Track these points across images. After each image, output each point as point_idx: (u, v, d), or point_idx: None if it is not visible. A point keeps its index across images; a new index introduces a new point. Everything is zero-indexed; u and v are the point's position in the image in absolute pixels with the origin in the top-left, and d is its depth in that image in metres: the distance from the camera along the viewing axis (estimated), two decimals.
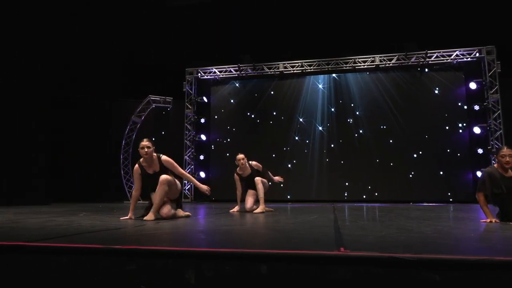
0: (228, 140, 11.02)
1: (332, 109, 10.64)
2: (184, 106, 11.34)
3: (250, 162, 5.87)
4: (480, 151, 9.61)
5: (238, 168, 5.84)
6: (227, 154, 10.60)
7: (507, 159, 3.50)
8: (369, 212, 5.36)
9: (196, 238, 2.41)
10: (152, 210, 3.92)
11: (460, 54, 9.99)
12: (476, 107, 9.73)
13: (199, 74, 11.49)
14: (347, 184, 10.19)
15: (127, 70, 11.11)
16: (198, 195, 11.10)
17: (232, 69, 11.23)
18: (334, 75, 10.79)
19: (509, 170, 3.60)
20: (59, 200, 9.05)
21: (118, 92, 11.13)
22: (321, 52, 10.65)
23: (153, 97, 11.19)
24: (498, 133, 9.41)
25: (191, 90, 11.41)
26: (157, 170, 4.12)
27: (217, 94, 11.49)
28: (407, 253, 1.59)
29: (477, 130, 9.71)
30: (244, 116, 11.02)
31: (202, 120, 11.34)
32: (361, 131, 10.36)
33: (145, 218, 3.87)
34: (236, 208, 5.76)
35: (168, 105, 11.52)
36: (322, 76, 10.88)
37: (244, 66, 11.05)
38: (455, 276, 1.51)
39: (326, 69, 10.72)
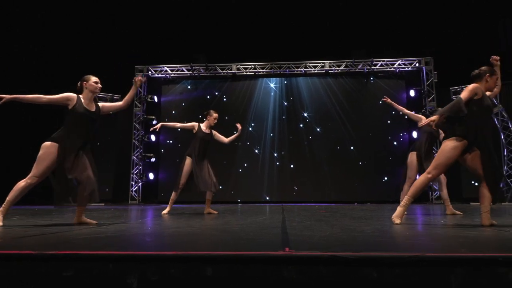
0: (178, 141, 10.79)
1: (283, 112, 10.85)
2: (133, 105, 10.93)
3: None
4: None
5: (205, 124, 5.48)
6: (177, 156, 10.39)
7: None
8: (316, 212, 5.53)
9: (140, 241, 2.33)
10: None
11: (402, 63, 10.65)
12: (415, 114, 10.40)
13: (150, 72, 11.16)
14: (296, 185, 10.43)
15: (73, 65, 10.49)
16: (146, 197, 10.77)
17: (184, 69, 11.05)
18: (285, 78, 11.02)
19: None
20: None
21: (64, 88, 10.46)
22: (274, 55, 10.84)
23: (99, 94, 10.67)
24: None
25: (141, 88, 11.04)
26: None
27: (168, 94, 11.23)
28: (348, 251, 1.66)
29: (415, 135, 10.41)
30: (195, 117, 10.84)
31: (154, 122, 10.98)
32: (310, 134, 10.67)
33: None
34: (167, 210, 5.36)
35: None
36: (274, 79, 11.06)
37: (197, 66, 10.92)
38: (391, 272, 1.60)
39: (278, 72, 10.92)
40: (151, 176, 10.77)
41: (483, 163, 3.14)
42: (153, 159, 10.73)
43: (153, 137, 10.90)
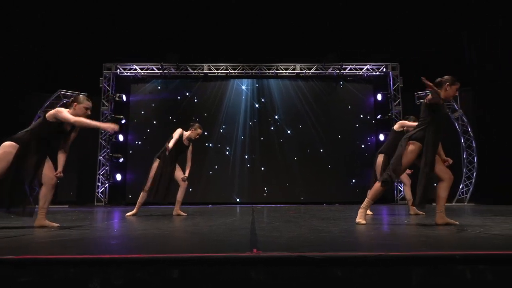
0: (147, 141, 10.55)
1: (255, 113, 10.88)
2: (100, 103, 10.60)
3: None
4: None
5: (187, 134, 5.29)
6: (146, 157, 10.19)
7: None
8: (285, 213, 5.58)
9: (104, 244, 2.26)
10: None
11: (370, 68, 10.97)
12: (382, 117, 10.75)
13: (118, 70, 10.87)
14: (267, 186, 10.48)
15: (36, 61, 10.04)
16: (113, 198, 10.47)
17: (154, 67, 10.83)
18: (257, 80, 11.06)
19: None
20: None
21: (26, 85, 9.95)
22: (246, 56, 10.85)
23: (64, 92, 10.24)
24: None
25: (109, 87, 10.72)
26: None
27: (137, 93, 10.97)
28: (315, 252, 1.68)
29: (382, 137, 10.74)
30: (165, 116, 10.67)
31: (123, 121, 10.69)
32: (281, 136, 10.76)
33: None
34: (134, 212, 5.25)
35: None
36: (246, 80, 11.07)
37: (168, 65, 10.74)
38: (356, 272, 1.64)
39: (250, 73, 10.94)
40: (118, 177, 10.47)
41: (421, 165, 3.29)
42: (121, 159, 10.44)
43: (121, 137, 10.60)
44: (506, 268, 1.61)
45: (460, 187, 9.79)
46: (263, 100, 10.96)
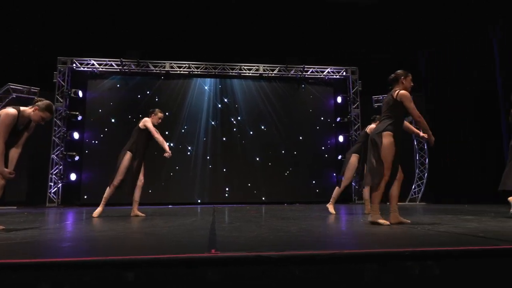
0: (105, 140, 10.15)
1: (217, 113, 10.82)
2: (54, 99, 10.06)
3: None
4: (340, 157, 10.93)
5: (151, 120, 5.19)
6: (103, 156, 9.84)
7: None
8: (246, 213, 5.59)
9: (54, 247, 2.15)
10: None
11: (331, 71, 11.27)
12: (341, 119, 11.08)
13: (74, 65, 10.38)
14: (228, 187, 10.46)
15: None
16: (66, 199, 9.98)
17: (113, 63, 10.46)
18: (220, 79, 11.00)
19: None
20: None
21: None
22: (209, 55, 10.75)
23: (13, 86, 9.62)
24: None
25: (64, 82, 10.21)
26: None
27: (94, 89, 10.53)
28: (272, 251, 1.70)
29: (341, 138, 11.07)
30: (124, 115, 10.33)
31: (79, 117, 10.22)
32: (243, 134, 10.78)
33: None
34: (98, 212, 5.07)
35: (34, 97, 10.06)
36: (209, 79, 10.97)
37: (128, 62, 10.41)
38: (312, 270, 1.68)
39: (213, 73, 10.86)
40: (72, 176, 9.99)
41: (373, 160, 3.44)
42: (76, 158, 9.96)
43: (76, 135, 10.13)
44: (450, 263, 1.72)
45: (413, 187, 10.31)
46: (226, 100, 10.92)
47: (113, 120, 10.35)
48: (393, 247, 1.88)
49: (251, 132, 10.82)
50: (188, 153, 10.49)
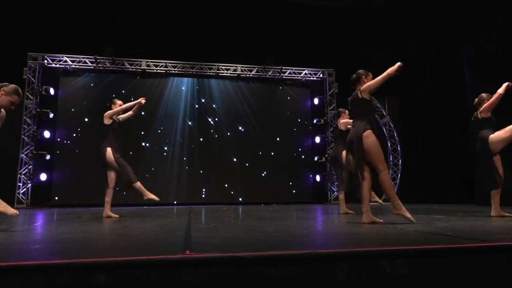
0: (78, 140, 9.87)
1: (194, 112, 10.73)
2: (24, 96, 9.69)
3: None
4: (317, 158, 11.08)
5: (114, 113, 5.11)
6: (75, 155, 9.58)
7: None
8: (223, 214, 5.58)
9: (21, 250, 2.08)
10: None
11: (308, 73, 11.40)
12: (318, 121, 11.22)
13: (46, 61, 10.04)
14: (205, 187, 10.39)
15: None
16: (36, 200, 9.63)
17: (87, 60, 10.19)
18: (198, 79, 10.91)
19: None
20: None
21: None
22: (187, 55, 10.65)
23: None
24: (333, 144, 11.06)
25: (34, 79, 9.85)
26: None
27: (67, 87, 10.21)
28: (248, 251, 1.70)
29: (318, 139, 11.22)
30: (98, 114, 10.00)
31: (51, 115, 9.87)
32: (221, 135, 10.74)
33: None
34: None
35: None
36: (186, 79, 10.87)
37: (102, 59, 10.17)
38: (287, 270, 1.69)
39: (191, 72, 10.76)
40: (43, 177, 9.65)
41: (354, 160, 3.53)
42: (48, 157, 9.63)
43: (47, 134, 9.78)
44: (419, 261, 1.77)
45: None
46: (203, 100, 10.85)
47: (86, 120, 10.06)
48: (365, 247, 1.93)
49: (229, 133, 10.79)
50: (165, 153, 10.35)
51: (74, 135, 9.93)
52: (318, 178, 11.05)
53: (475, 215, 4.44)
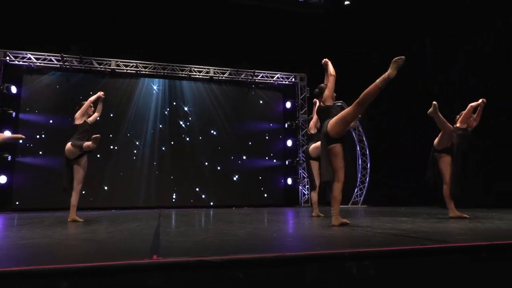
0: (42, 141, 9.45)
1: (166, 113, 10.55)
2: None
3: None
4: (288, 162, 11.18)
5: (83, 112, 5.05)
6: (38, 158, 9.17)
7: None
8: (194, 217, 5.51)
9: None
10: None
11: (281, 77, 11.51)
12: (290, 125, 11.34)
13: (8, 58, 9.56)
14: (176, 190, 10.22)
15: None
16: None
17: (53, 58, 9.80)
18: (170, 80, 10.75)
19: None
20: None
21: None
22: (159, 55, 10.47)
23: None
24: (305, 147, 11.20)
25: None
26: None
27: (31, 85, 9.76)
28: (217, 255, 1.69)
29: (289, 143, 11.33)
30: (65, 113, 9.67)
31: (13, 114, 9.40)
32: (192, 137, 10.61)
33: None
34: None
35: None
36: (157, 80, 10.67)
37: (69, 57, 9.81)
38: (256, 273, 1.69)
39: (162, 73, 10.57)
40: (2, 179, 9.14)
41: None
42: (9, 158, 9.13)
43: (8, 134, 9.28)
44: (385, 263, 1.82)
45: (355, 190, 10.82)
46: (174, 102, 10.69)
47: (51, 121, 9.64)
48: (333, 249, 1.96)
49: (200, 137, 10.68)
50: (134, 157, 10.10)
51: (38, 136, 9.50)
52: (289, 181, 11.15)
53: (438, 217, 4.62)
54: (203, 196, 10.37)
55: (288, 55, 10.92)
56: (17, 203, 9.02)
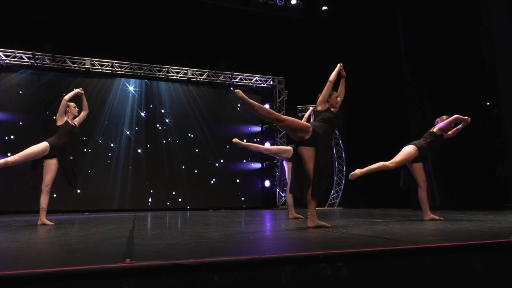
0: (10, 142, 9.07)
1: (142, 115, 10.37)
2: None
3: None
4: (266, 164, 11.22)
5: (69, 116, 4.98)
6: (8, 156, 8.79)
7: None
8: (169, 220, 5.43)
9: None
10: None
11: (259, 79, 11.55)
12: (268, 127, 11.38)
13: None
14: (152, 193, 10.05)
15: None
16: None
17: (24, 56, 9.46)
18: (147, 81, 10.58)
19: None
20: None
21: None
22: (135, 55, 10.29)
23: None
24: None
25: None
26: None
27: (1, 84, 9.39)
28: (191, 258, 1.67)
29: (267, 145, 11.34)
30: (36, 113, 9.38)
31: None
32: (169, 139, 10.48)
33: None
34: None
35: None
36: (134, 81, 10.48)
37: (41, 55, 9.50)
38: (231, 276, 1.68)
39: (139, 73, 10.40)
40: None
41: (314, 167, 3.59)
42: None
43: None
44: (359, 264, 1.85)
45: (332, 193, 10.97)
46: (151, 103, 10.52)
47: (21, 123, 9.28)
48: (309, 250, 1.97)
49: (177, 139, 10.56)
50: (109, 160, 9.86)
51: (6, 138, 9.13)
52: (267, 183, 11.19)
53: (411, 219, 4.75)
54: (180, 200, 10.24)
55: (267, 58, 10.99)
56: None
